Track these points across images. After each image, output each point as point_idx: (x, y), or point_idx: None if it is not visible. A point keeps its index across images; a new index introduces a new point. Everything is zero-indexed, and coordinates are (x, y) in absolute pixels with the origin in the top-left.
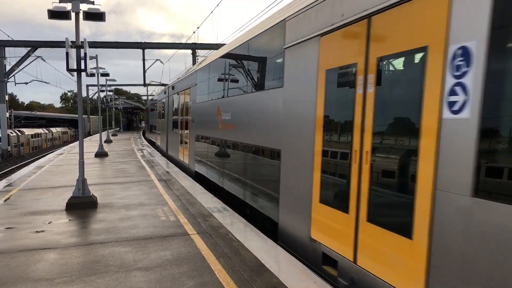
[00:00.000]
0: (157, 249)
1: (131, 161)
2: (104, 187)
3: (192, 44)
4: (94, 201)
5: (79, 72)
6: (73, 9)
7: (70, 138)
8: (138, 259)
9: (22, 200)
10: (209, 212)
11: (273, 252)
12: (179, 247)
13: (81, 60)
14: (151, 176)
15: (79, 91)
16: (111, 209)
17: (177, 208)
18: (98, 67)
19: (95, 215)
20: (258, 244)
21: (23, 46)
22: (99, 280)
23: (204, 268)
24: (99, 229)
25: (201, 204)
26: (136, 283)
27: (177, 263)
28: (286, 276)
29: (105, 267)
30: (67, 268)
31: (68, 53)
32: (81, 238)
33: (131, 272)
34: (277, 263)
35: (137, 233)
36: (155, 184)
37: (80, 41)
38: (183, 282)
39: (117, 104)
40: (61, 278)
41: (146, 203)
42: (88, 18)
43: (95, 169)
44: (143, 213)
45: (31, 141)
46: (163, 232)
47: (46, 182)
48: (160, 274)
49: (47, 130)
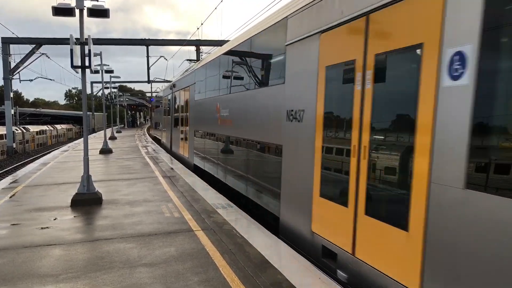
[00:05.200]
0: (161, 245)
1: (135, 157)
2: (109, 183)
3: (196, 41)
4: (99, 198)
5: (84, 69)
6: (77, 6)
7: (75, 135)
8: (143, 255)
9: (27, 197)
10: (213, 209)
11: (277, 248)
12: (184, 243)
13: (85, 57)
14: (156, 173)
15: (83, 88)
16: (116, 205)
17: (181, 205)
18: (103, 64)
19: (100, 211)
20: (262, 240)
21: (27, 43)
22: (104, 276)
23: (208, 264)
24: (104, 225)
25: (205, 201)
26: (141, 279)
27: (181, 259)
28: (290, 272)
29: (110, 263)
30: (72, 264)
31: (73, 50)
32: (86, 235)
33: (136, 268)
34: (282, 259)
35: (142, 229)
36: (159, 180)
37: (85, 38)
38: (187, 278)
39: (121, 101)
40: (66, 274)
41: (150, 199)
42: (93, 15)
43: (100, 166)
44: (147, 210)
45: (36, 138)
46: (168, 229)
47: (51, 179)
48: (165, 270)
49: (52, 127)
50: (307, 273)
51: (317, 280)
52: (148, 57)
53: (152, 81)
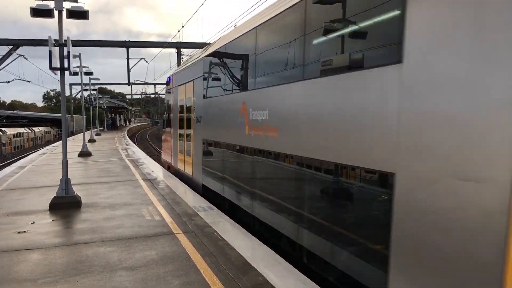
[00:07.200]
0: (142, 249)
1: (115, 160)
2: (88, 186)
3: (177, 43)
4: (78, 201)
5: (62, 71)
6: (56, 7)
7: (53, 138)
8: (123, 259)
9: (4, 200)
10: (194, 211)
11: (258, 251)
12: (165, 246)
13: (64, 59)
14: (136, 176)
15: (62, 90)
16: (96, 209)
17: (162, 208)
18: (82, 66)
19: (79, 215)
20: (244, 243)
21: (5, 44)
22: (84, 280)
23: (189, 267)
24: (84, 229)
25: (186, 204)
26: (121, 283)
27: (162, 262)
28: (271, 274)
29: (89, 267)
30: (51, 268)
31: (51, 52)
32: (65, 238)
33: (116, 271)
34: (263, 262)
35: (122, 232)
36: (140, 183)
37: (64, 39)
38: (168, 281)
39: (101, 103)
40: (45, 278)
41: (131, 202)
42: (72, 17)
43: (79, 169)
44: (128, 213)
45: (13, 140)
46: (148, 232)
47: (29, 182)
48: (145, 273)
49: (30, 129)
50: (288, 275)
51: (298, 282)
52: (128, 59)
53: (132, 83)
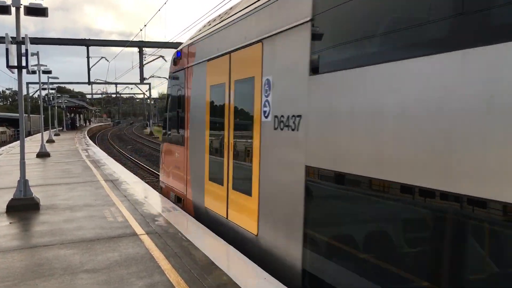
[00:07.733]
0: (104, 251)
1: (75, 161)
2: (48, 188)
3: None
4: (37, 203)
5: (20, 69)
6: (13, 4)
7: (9, 138)
8: (84, 261)
9: None
10: (158, 212)
11: (223, 250)
12: (128, 248)
13: (22, 57)
14: (97, 177)
15: (20, 89)
16: (55, 210)
17: (124, 209)
18: (40, 64)
19: (37, 217)
20: (208, 243)
21: None
22: (44, 283)
23: (154, 268)
24: (43, 231)
25: (149, 204)
26: (83, 286)
27: (125, 264)
28: (236, 273)
29: (50, 270)
30: (9, 272)
31: (8, 49)
32: (24, 241)
33: (78, 274)
34: (227, 261)
35: (83, 234)
36: (101, 184)
37: (21, 37)
38: (132, 282)
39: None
40: (3, 282)
41: (92, 204)
42: (30, 14)
43: (38, 170)
44: (89, 214)
45: None
46: (111, 233)
47: None
48: (108, 275)
49: None
50: (253, 274)
51: (262, 281)
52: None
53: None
